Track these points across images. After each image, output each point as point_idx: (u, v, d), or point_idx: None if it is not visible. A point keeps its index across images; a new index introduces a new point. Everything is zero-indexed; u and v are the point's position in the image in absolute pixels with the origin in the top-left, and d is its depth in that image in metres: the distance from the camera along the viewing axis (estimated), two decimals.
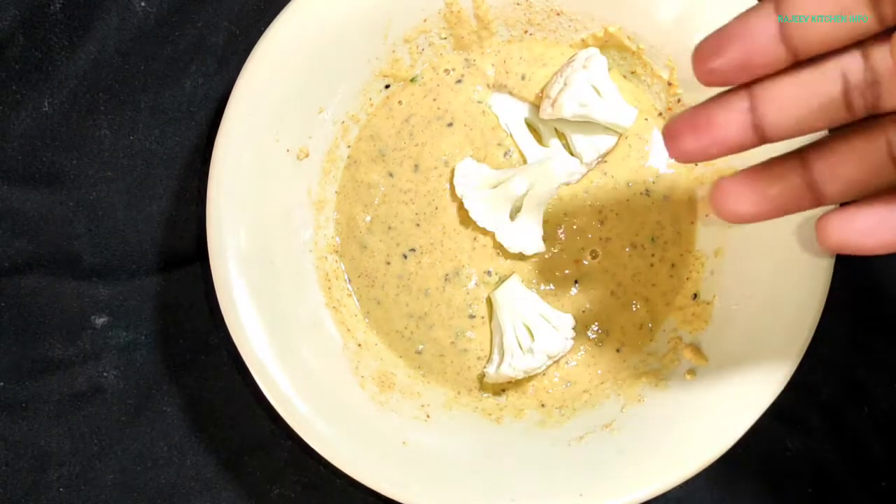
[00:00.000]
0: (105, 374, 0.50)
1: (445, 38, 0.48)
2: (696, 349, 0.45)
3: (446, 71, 0.49)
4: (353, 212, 0.49)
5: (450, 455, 0.44)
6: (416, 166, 0.48)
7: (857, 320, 0.50)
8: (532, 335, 0.46)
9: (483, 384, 0.48)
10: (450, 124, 0.48)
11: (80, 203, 0.51)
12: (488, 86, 0.48)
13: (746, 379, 0.43)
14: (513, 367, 0.45)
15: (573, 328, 0.47)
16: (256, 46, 0.44)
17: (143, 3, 0.51)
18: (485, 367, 0.47)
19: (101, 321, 0.50)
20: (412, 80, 0.49)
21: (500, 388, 0.48)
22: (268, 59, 0.44)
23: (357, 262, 0.48)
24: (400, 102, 0.49)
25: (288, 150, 0.46)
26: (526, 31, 0.48)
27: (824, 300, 0.42)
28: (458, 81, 0.48)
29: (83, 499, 0.50)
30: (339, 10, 0.45)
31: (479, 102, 0.48)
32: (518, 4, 0.47)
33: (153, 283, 0.51)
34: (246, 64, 0.44)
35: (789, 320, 0.43)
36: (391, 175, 0.48)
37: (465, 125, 0.48)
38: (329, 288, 0.48)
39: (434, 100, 0.48)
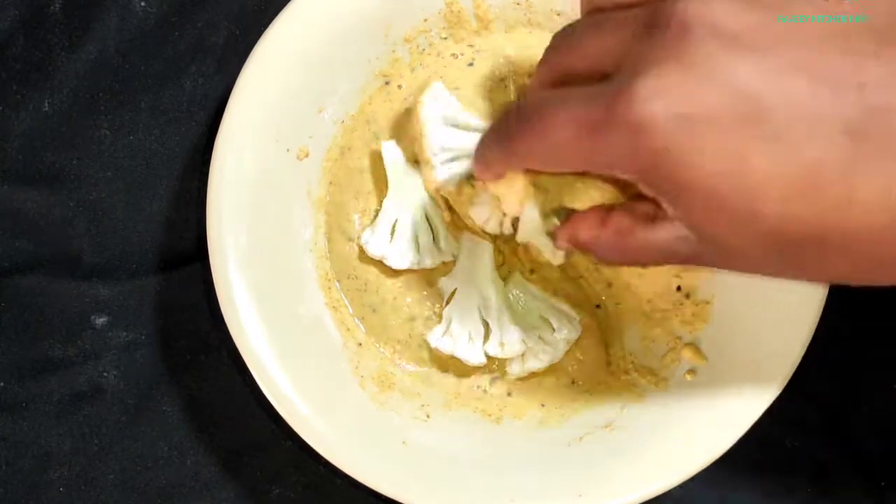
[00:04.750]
0: (105, 374, 0.50)
1: (445, 38, 0.48)
2: (696, 349, 0.45)
3: (454, 56, 0.48)
4: (344, 200, 0.48)
5: (450, 455, 0.44)
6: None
7: (857, 320, 0.50)
8: (552, 326, 0.46)
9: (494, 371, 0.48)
10: (457, 88, 0.47)
11: (80, 203, 0.51)
12: (510, 61, 0.47)
13: (746, 379, 0.43)
14: (539, 359, 0.46)
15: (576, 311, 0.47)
16: (256, 46, 0.44)
17: (143, 4, 0.51)
18: (507, 366, 0.47)
19: (101, 321, 0.50)
20: (412, 71, 0.48)
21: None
22: (268, 59, 0.44)
23: (345, 260, 0.48)
24: (400, 87, 0.48)
25: (288, 150, 0.46)
26: (527, 32, 0.48)
27: (824, 300, 0.42)
28: (470, 65, 0.48)
29: (83, 499, 0.50)
30: (339, 10, 0.45)
31: (502, 79, 0.47)
32: (518, 4, 0.47)
33: (153, 283, 0.51)
34: (246, 64, 0.44)
35: (789, 320, 0.43)
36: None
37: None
38: (329, 288, 0.47)
39: (441, 78, 0.46)
